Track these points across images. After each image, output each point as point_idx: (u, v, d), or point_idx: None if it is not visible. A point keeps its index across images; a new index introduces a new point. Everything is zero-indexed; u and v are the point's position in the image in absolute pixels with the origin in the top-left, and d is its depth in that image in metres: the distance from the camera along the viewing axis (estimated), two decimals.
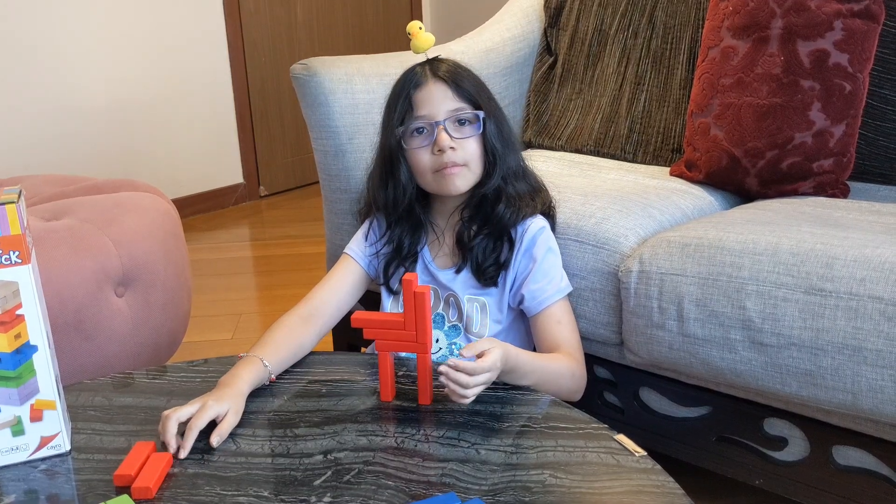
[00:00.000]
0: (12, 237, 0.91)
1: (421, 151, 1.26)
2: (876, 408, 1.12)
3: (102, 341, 1.52)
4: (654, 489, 0.88)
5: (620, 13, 1.94)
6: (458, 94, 1.25)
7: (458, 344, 1.31)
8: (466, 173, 1.26)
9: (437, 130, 1.24)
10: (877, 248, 1.15)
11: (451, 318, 1.32)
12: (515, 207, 1.28)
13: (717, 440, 1.34)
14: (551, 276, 1.29)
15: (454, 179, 1.25)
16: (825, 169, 1.51)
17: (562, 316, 1.29)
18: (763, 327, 1.19)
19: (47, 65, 3.03)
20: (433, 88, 1.25)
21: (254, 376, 1.09)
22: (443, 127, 1.24)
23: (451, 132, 1.24)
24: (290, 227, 3.38)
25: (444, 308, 1.32)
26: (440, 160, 1.24)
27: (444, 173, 1.25)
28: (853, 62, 1.47)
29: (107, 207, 1.65)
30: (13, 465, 0.98)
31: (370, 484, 0.90)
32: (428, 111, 1.25)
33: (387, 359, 1.08)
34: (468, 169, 1.26)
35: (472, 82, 1.29)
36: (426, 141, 1.25)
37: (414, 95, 1.26)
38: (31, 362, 0.96)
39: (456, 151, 1.24)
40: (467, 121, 1.26)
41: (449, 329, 1.32)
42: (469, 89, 1.27)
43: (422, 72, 1.27)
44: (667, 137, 1.82)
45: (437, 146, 1.23)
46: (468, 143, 1.25)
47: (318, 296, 1.29)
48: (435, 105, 1.25)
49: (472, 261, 1.28)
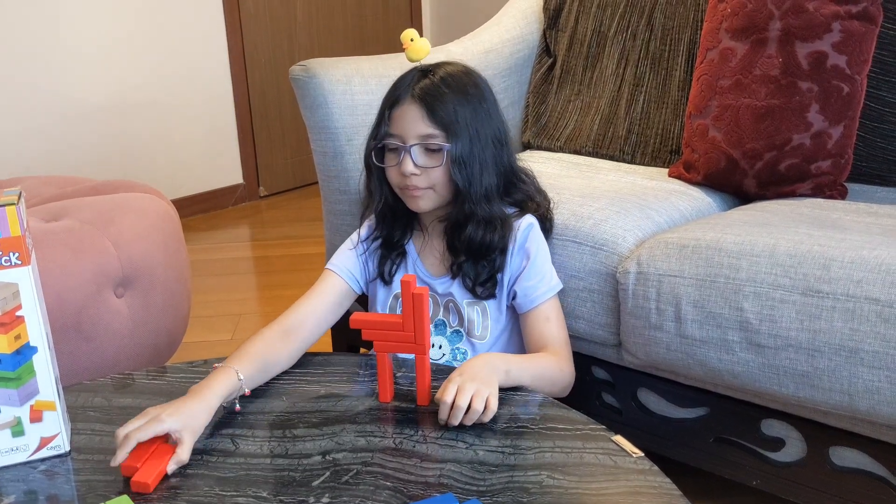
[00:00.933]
0: (12, 239, 0.92)
1: (390, 169, 1.26)
2: (872, 409, 1.13)
3: (102, 342, 1.52)
4: (652, 490, 0.88)
5: (619, 15, 1.94)
6: (431, 119, 1.22)
7: (462, 349, 1.31)
8: (431, 195, 1.25)
9: (404, 155, 1.23)
10: (874, 250, 1.16)
11: (452, 324, 1.32)
12: (491, 228, 1.26)
13: (715, 441, 1.35)
14: (543, 273, 1.29)
15: (417, 201, 1.26)
16: (823, 170, 1.51)
17: (551, 313, 1.28)
18: (760, 329, 1.19)
19: (47, 65, 3.03)
20: (407, 109, 1.23)
21: (227, 389, 1.06)
22: (408, 153, 1.22)
23: (417, 158, 1.22)
24: (289, 227, 3.38)
25: (444, 314, 1.32)
26: (404, 181, 1.24)
27: (407, 193, 1.26)
28: (851, 64, 1.47)
29: (106, 208, 1.65)
30: (13, 465, 0.98)
31: (368, 485, 0.90)
32: (400, 131, 1.24)
33: (385, 360, 1.08)
34: (433, 191, 1.25)
35: (455, 101, 1.23)
36: (395, 160, 1.25)
37: (392, 112, 1.25)
38: (30, 363, 0.96)
39: (419, 177, 1.23)
40: (435, 150, 1.23)
41: (451, 335, 1.32)
42: (444, 116, 1.22)
43: (405, 87, 1.25)
44: (665, 139, 1.82)
45: (401, 170, 1.23)
46: (433, 171, 1.23)
47: (300, 311, 1.25)
48: (406, 127, 1.23)
49: (462, 281, 1.29)
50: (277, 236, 3.27)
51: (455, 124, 1.22)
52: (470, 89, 1.26)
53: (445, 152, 1.22)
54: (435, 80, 1.24)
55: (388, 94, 1.28)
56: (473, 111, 1.24)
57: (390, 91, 1.27)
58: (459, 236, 1.26)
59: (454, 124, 1.22)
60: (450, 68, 1.27)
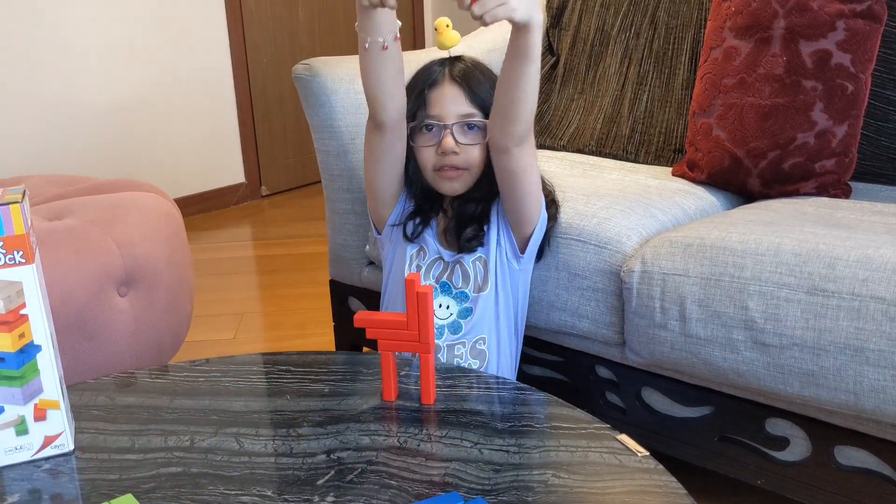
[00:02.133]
0: (16, 237, 0.91)
1: (426, 149, 1.29)
2: (878, 408, 1.12)
3: (105, 341, 1.52)
4: (657, 489, 0.88)
5: (622, 13, 1.94)
6: (470, 98, 1.28)
7: (469, 308, 1.34)
8: (465, 176, 1.30)
9: (444, 133, 1.26)
10: (879, 249, 1.15)
11: (457, 285, 1.35)
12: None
13: (720, 440, 1.35)
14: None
15: (451, 183, 1.30)
16: (827, 169, 1.51)
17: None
18: (765, 328, 1.19)
19: (49, 65, 3.03)
20: (447, 90, 1.28)
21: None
22: (450, 130, 1.26)
23: (458, 137, 1.27)
24: (291, 226, 3.38)
25: (448, 276, 1.36)
26: (442, 160, 1.28)
27: (442, 175, 1.29)
28: (855, 63, 1.47)
29: (109, 207, 1.65)
30: (17, 464, 0.98)
31: (373, 483, 0.90)
32: (439, 111, 1.27)
33: (389, 358, 1.08)
34: (468, 173, 1.29)
35: (489, 85, 1.29)
36: (433, 140, 1.28)
37: (428, 93, 1.28)
38: (34, 362, 0.96)
39: (459, 156, 1.27)
40: (476, 127, 1.28)
41: (457, 294, 1.35)
42: (482, 95, 1.28)
43: (440, 70, 1.30)
44: (669, 138, 1.82)
45: (442, 148, 1.27)
46: (472, 149, 1.28)
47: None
48: (446, 106, 1.27)
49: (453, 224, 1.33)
50: (279, 235, 3.27)
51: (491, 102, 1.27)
52: (491, 74, 1.33)
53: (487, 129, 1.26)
54: (468, 65, 1.31)
55: (417, 78, 1.32)
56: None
57: (420, 75, 1.31)
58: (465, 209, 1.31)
59: (491, 102, 1.27)
60: (472, 58, 1.34)
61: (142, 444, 1.00)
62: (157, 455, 0.98)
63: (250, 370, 1.19)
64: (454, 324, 1.36)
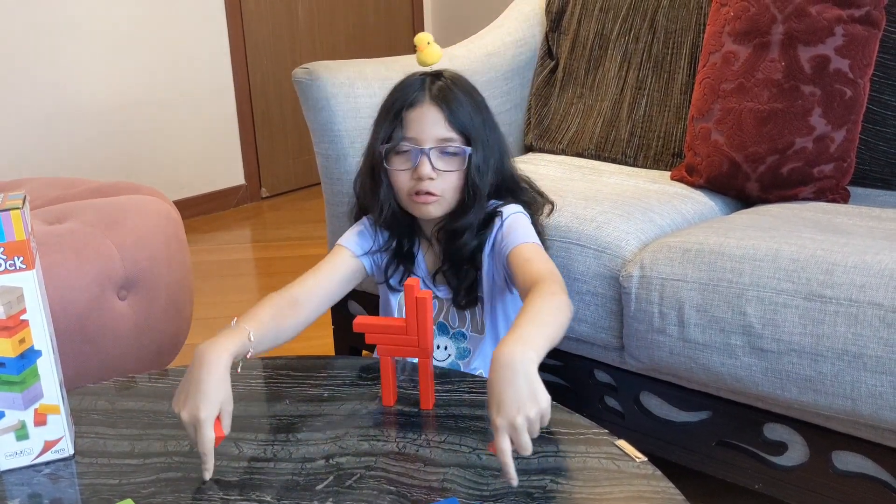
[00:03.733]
0: (17, 243, 0.92)
1: (401, 173, 1.22)
2: (875, 414, 1.13)
3: (105, 345, 1.52)
4: (655, 495, 0.88)
5: (622, 18, 1.94)
6: (450, 121, 1.20)
7: (467, 348, 1.32)
8: (442, 202, 1.22)
9: (421, 158, 1.19)
10: (877, 255, 1.16)
11: (453, 325, 1.32)
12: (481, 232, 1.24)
13: (718, 445, 1.35)
14: (517, 228, 1.23)
15: (427, 208, 1.23)
16: (826, 174, 1.51)
17: (531, 254, 1.19)
18: (763, 333, 1.19)
19: (48, 67, 3.03)
20: (426, 111, 1.20)
21: (238, 349, 1.03)
22: (426, 156, 1.19)
23: (435, 162, 1.20)
24: (291, 228, 3.38)
25: (445, 316, 1.33)
26: (417, 185, 1.21)
27: (417, 199, 1.22)
28: (854, 68, 1.47)
29: (109, 211, 1.65)
30: (17, 469, 0.98)
31: (372, 489, 0.90)
32: (416, 134, 1.20)
33: (388, 363, 1.08)
34: (444, 198, 1.22)
35: (469, 106, 1.23)
36: (407, 164, 1.22)
37: (406, 113, 1.21)
38: (35, 367, 0.96)
39: (434, 182, 1.20)
40: (453, 153, 1.21)
41: (454, 335, 1.32)
42: (462, 118, 1.21)
43: (420, 88, 1.22)
44: (668, 142, 1.83)
45: (418, 174, 1.20)
46: (449, 175, 1.21)
47: (309, 283, 1.22)
48: (425, 130, 1.20)
49: (447, 284, 1.28)
50: (279, 238, 3.27)
51: (472, 129, 1.21)
52: (477, 97, 1.26)
53: (465, 158, 1.21)
54: (448, 83, 1.23)
55: (395, 96, 1.25)
56: (482, 119, 1.25)
57: (398, 93, 1.24)
58: (455, 244, 1.25)
59: (472, 129, 1.21)
60: (451, 73, 1.27)
61: (142, 448, 1.01)
62: (157, 460, 0.98)
63: (249, 374, 1.19)
64: (452, 365, 1.32)
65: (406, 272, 1.31)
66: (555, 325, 1.03)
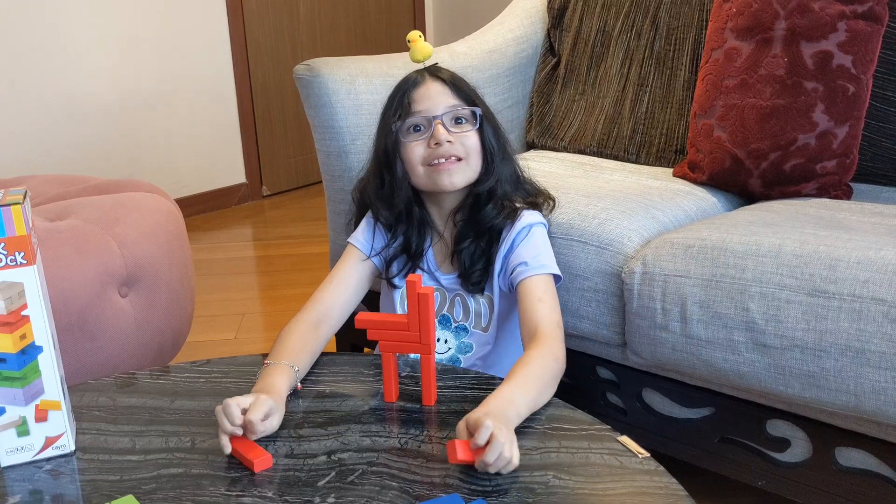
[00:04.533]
0: (18, 238, 0.92)
1: (416, 145, 1.24)
2: (879, 409, 1.12)
3: (106, 341, 1.52)
4: (657, 490, 0.88)
5: (624, 14, 1.94)
6: (455, 93, 1.26)
7: (467, 343, 1.31)
8: (464, 168, 1.24)
9: (434, 124, 1.23)
10: (880, 250, 1.15)
11: (457, 319, 1.32)
12: (505, 208, 1.26)
13: (720, 441, 1.35)
14: (539, 252, 1.25)
15: (449, 174, 1.23)
16: (828, 170, 1.51)
17: (543, 294, 1.21)
18: (766, 329, 1.19)
19: (50, 64, 3.03)
20: (431, 86, 1.26)
21: (289, 383, 1.08)
22: (440, 121, 1.23)
23: (449, 127, 1.24)
24: (292, 226, 3.38)
25: (448, 309, 1.33)
26: (435, 153, 1.22)
27: (437, 168, 1.23)
28: (857, 64, 1.47)
29: (110, 208, 1.65)
30: (18, 465, 0.98)
31: (374, 485, 0.90)
32: (425, 106, 1.24)
33: (391, 360, 1.08)
34: (466, 163, 1.24)
35: (471, 88, 1.30)
36: (422, 136, 1.25)
37: (412, 93, 1.25)
38: (36, 363, 0.96)
39: (454, 144, 1.23)
40: (465, 118, 1.26)
41: (456, 329, 1.32)
42: (467, 91, 1.28)
43: (419, 74, 1.28)
44: (670, 138, 1.82)
45: (434, 139, 1.22)
46: (466, 137, 1.24)
47: (327, 299, 1.25)
48: (433, 100, 1.24)
49: (460, 265, 1.28)
50: (280, 236, 3.27)
51: (477, 97, 1.27)
52: (476, 91, 1.31)
53: (478, 116, 1.25)
54: (447, 70, 1.30)
55: (396, 88, 1.29)
56: (485, 104, 1.30)
57: (399, 85, 1.29)
58: (474, 216, 1.26)
59: (477, 97, 1.27)
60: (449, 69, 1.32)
61: (143, 444, 1.01)
62: (159, 456, 0.98)
63: (251, 371, 1.19)
64: (452, 359, 1.32)
65: (412, 268, 1.32)
66: (542, 393, 1.06)
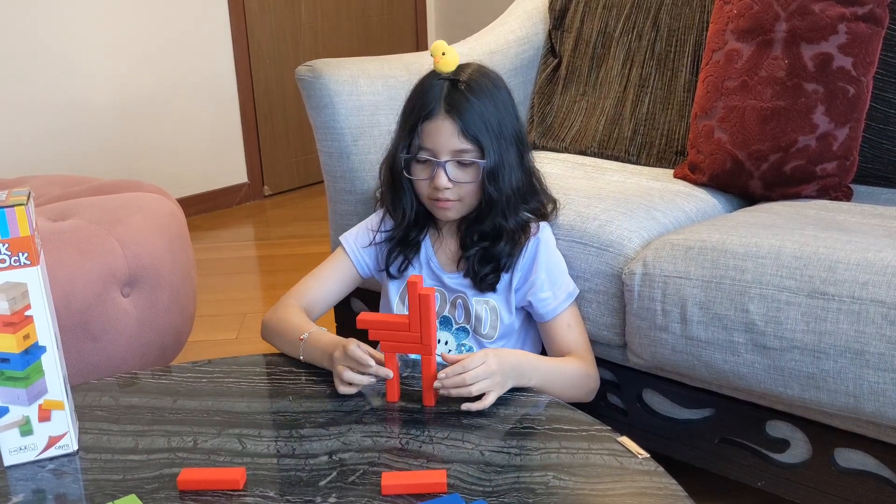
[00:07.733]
0: (21, 239, 0.92)
1: (421, 182, 1.28)
2: (878, 411, 1.13)
3: (108, 341, 1.52)
4: (657, 491, 0.89)
5: (625, 16, 1.94)
6: (464, 134, 1.22)
7: (467, 346, 1.32)
8: (459, 206, 1.28)
9: (437, 170, 1.24)
10: (880, 252, 1.16)
11: (458, 320, 1.33)
12: (514, 233, 1.29)
13: (720, 442, 1.35)
14: (558, 283, 1.31)
15: (445, 212, 1.29)
16: (828, 172, 1.51)
17: (571, 320, 1.31)
18: (766, 330, 1.19)
19: (52, 64, 3.04)
20: (441, 124, 1.23)
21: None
22: (442, 169, 1.24)
23: (451, 173, 1.24)
24: (294, 226, 3.39)
25: (450, 310, 1.33)
26: (435, 193, 1.26)
27: (436, 204, 1.28)
28: (857, 66, 1.47)
29: (113, 208, 1.66)
30: (21, 464, 0.99)
31: (375, 485, 0.91)
32: (433, 146, 1.24)
33: (392, 360, 1.09)
34: (461, 203, 1.28)
35: (486, 110, 1.24)
36: (426, 173, 1.26)
37: (423, 125, 1.25)
38: (39, 363, 0.97)
39: (451, 190, 1.25)
40: (469, 160, 1.24)
41: (457, 331, 1.33)
42: (476, 128, 1.23)
43: (437, 99, 1.24)
44: (670, 140, 1.83)
45: (434, 185, 1.25)
46: (465, 185, 1.26)
47: (311, 293, 1.35)
48: (441, 142, 1.23)
49: (469, 268, 1.30)
50: (282, 235, 3.27)
51: (486, 135, 1.23)
52: (492, 90, 1.27)
53: (481, 168, 1.24)
54: (463, 90, 1.24)
55: (414, 102, 1.27)
56: (496, 110, 1.26)
57: (416, 100, 1.27)
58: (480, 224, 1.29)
59: (486, 135, 1.23)
60: (470, 72, 1.27)
61: (145, 444, 1.01)
62: (161, 455, 0.98)
63: (253, 371, 1.19)
64: None
65: (406, 260, 1.35)
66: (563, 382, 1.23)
